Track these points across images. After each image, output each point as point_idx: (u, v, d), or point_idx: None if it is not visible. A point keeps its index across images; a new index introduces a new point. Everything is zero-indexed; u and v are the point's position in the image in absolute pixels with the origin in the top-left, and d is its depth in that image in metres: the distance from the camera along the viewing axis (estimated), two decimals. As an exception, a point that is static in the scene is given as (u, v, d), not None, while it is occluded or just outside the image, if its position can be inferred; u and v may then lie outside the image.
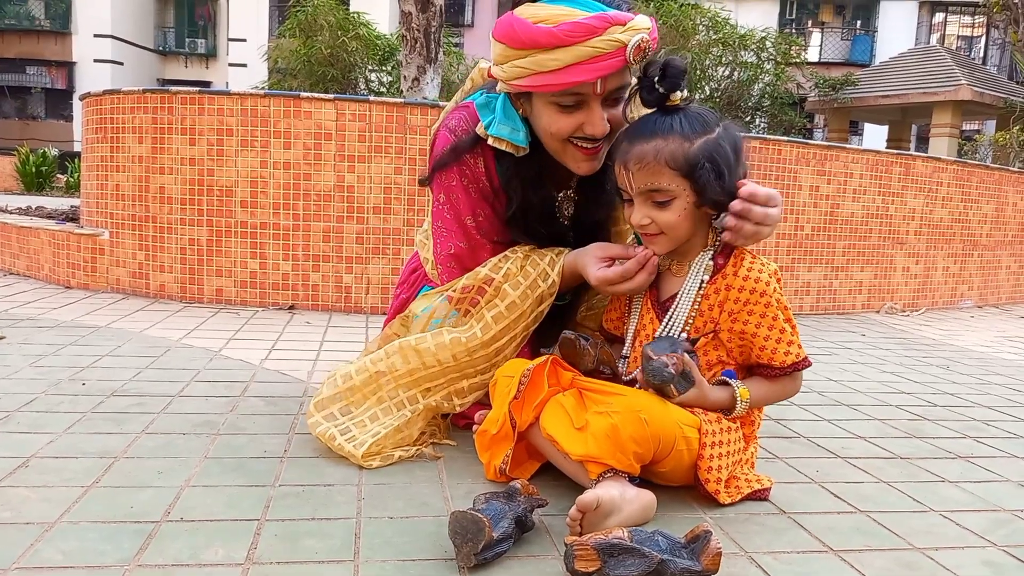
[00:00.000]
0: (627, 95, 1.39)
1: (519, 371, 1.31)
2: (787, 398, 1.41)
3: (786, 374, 1.33)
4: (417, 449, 1.44)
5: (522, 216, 1.49)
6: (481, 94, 1.52)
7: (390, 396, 1.46)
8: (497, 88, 1.43)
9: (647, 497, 1.19)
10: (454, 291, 1.50)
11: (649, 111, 1.32)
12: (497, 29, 1.35)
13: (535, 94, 1.37)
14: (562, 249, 1.50)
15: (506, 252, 1.49)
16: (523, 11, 1.31)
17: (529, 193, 1.47)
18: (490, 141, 1.43)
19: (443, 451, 1.47)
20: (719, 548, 0.99)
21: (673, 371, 1.22)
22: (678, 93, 1.28)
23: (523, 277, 1.46)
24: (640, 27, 1.29)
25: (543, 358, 1.33)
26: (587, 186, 1.52)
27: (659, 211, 1.30)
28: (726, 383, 1.32)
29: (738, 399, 1.30)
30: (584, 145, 1.39)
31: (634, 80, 1.37)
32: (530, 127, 1.44)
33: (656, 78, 1.27)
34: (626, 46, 1.27)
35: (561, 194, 1.54)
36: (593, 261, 1.41)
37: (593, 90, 1.32)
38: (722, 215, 1.31)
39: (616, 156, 1.34)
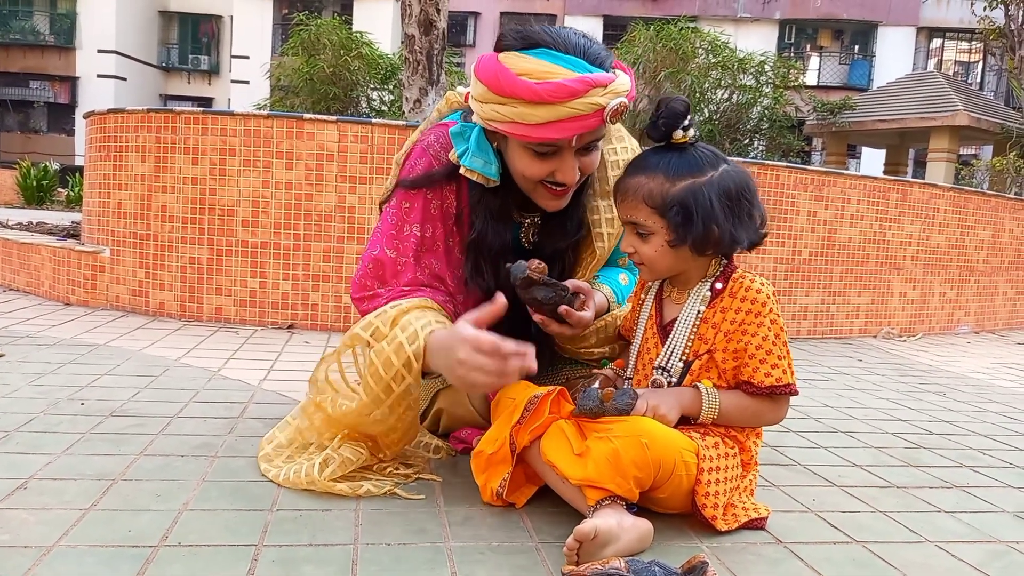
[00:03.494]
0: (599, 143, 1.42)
1: (525, 395, 1.32)
2: (767, 423, 1.39)
3: (764, 395, 1.32)
4: (389, 488, 1.38)
5: (475, 248, 1.48)
6: (459, 116, 1.52)
7: (319, 445, 1.46)
8: (473, 118, 1.43)
9: (644, 526, 1.19)
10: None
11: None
12: (480, 70, 1.34)
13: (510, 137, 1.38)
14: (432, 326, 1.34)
15: (385, 308, 1.39)
16: (508, 60, 1.31)
17: (488, 226, 1.46)
18: (462, 171, 1.44)
19: (440, 476, 1.47)
20: (715, 579, 1.00)
21: (598, 386, 1.27)
22: (680, 132, 1.29)
23: (387, 343, 1.34)
24: (620, 90, 1.30)
25: (551, 388, 1.34)
26: (552, 217, 1.52)
27: (640, 243, 1.34)
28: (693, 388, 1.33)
29: (701, 388, 1.31)
30: (554, 187, 1.41)
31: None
32: (502, 159, 1.44)
33: (658, 116, 1.29)
34: (605, 108, 1.29)
35: (528, 220, 1.56)
36: (465, 326, 1.25)
37: (568, 143, 1.34)
38: None
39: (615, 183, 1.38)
